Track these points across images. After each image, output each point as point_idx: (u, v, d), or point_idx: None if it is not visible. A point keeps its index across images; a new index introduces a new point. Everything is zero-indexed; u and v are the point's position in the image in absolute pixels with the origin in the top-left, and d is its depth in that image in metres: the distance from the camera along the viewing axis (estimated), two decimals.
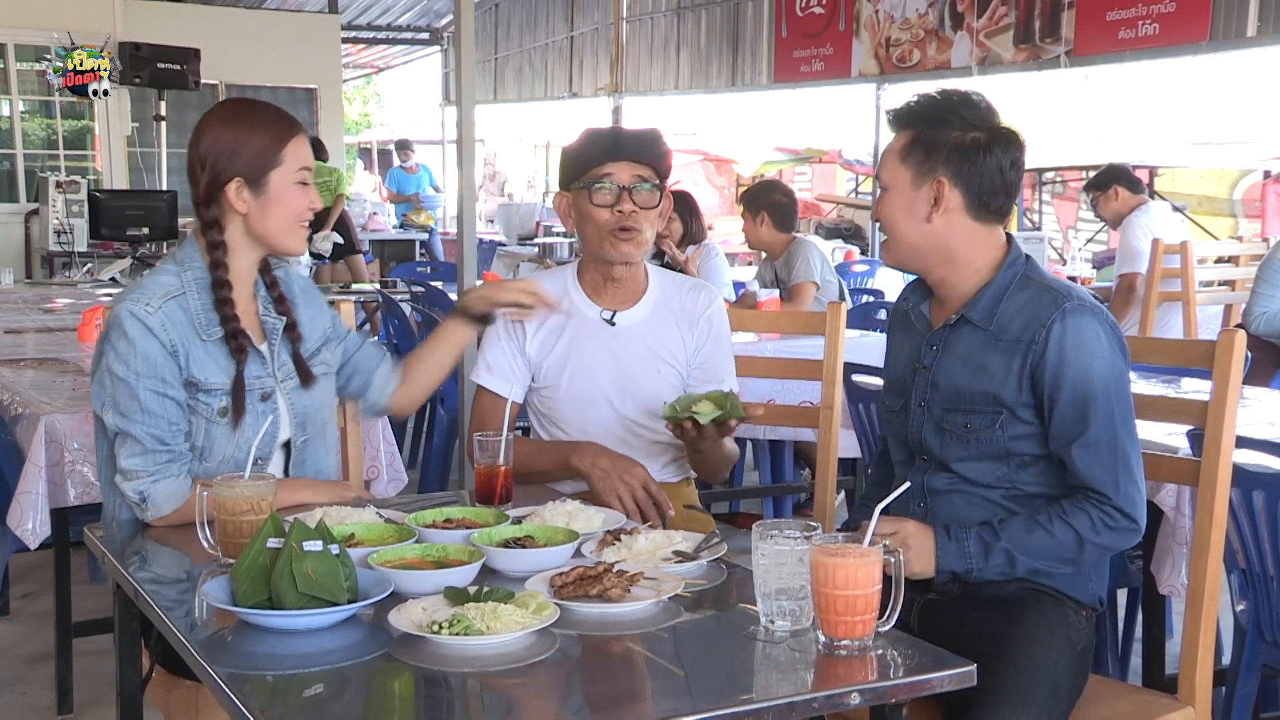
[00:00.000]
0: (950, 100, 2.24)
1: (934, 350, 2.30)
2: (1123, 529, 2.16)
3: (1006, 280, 2.24)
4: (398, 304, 6.56)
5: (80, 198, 10.65)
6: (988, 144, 2.21)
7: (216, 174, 2.34)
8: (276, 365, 2.44)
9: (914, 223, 2.25)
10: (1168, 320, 6.36)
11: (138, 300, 2.31)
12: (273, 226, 2.38)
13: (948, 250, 2.25)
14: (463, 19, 4.87)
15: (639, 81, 14.43)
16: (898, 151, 2.27)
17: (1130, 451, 2.18)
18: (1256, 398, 3.47)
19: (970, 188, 2.22)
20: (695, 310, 2.79)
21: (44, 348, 4.59)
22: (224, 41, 12.75)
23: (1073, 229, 15.29)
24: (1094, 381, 2.14)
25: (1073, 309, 2.16)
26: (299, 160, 2.39)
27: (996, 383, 2.20)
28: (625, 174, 2.65)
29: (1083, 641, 2.22)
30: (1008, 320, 2.21)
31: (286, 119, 2.41)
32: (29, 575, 4.60)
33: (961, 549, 2.16)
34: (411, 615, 1.76)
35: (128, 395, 2.29)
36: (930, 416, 2.29)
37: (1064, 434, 2.17)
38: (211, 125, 2.37)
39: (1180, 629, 2.31)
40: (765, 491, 5.31)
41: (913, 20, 10.61)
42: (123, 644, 2.19)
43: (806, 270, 5.49)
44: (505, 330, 2.78)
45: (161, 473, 2.29)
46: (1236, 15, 8.19)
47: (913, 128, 2.26)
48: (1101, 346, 2.15)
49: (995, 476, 2.24)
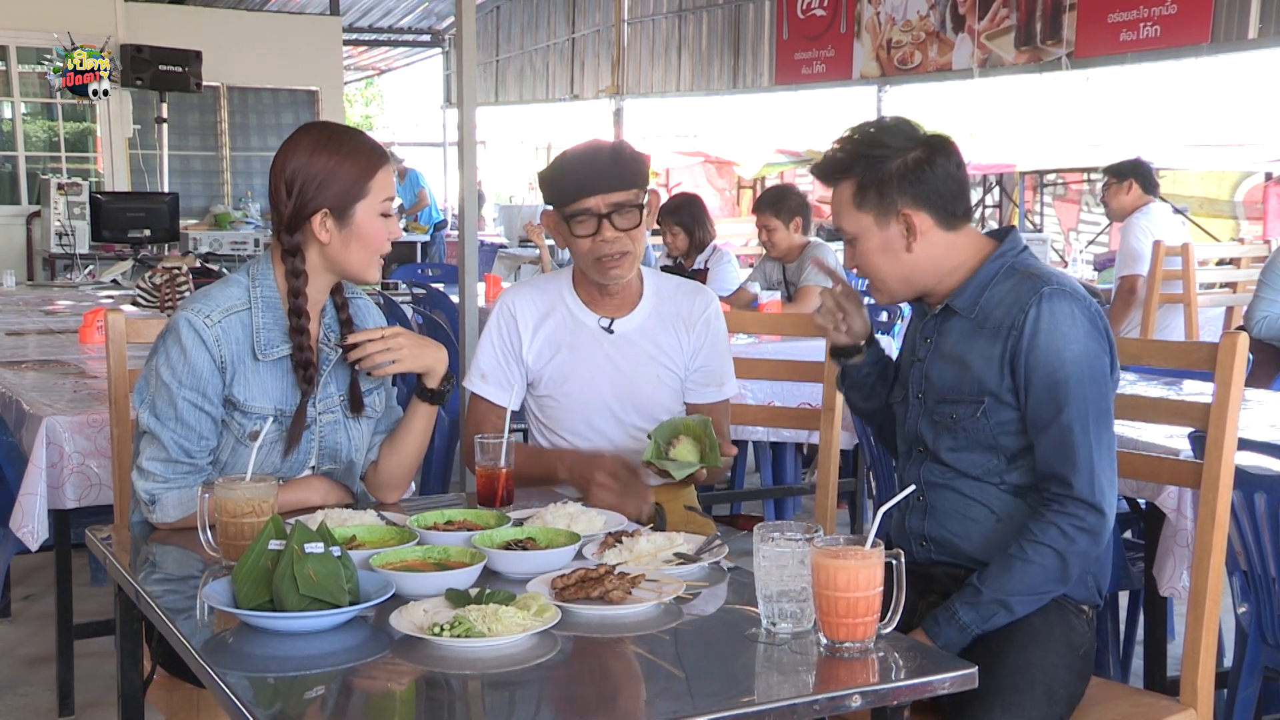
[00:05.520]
0: (872, 135, 2.24)
1: (928, 343, 2.32)
2: (1091, 526, 2.14)
3: (992, 270, 2.25)
4: (399, 306, 6.56)
5: (82, 200, 10.67)
6: (929, 158, 2.21)
7: (304, 203, 2.30)
8: (321, 396, 2.41)
9: (895, 259, 2.25)
10: (1169, 322, 6.35)
11: (199, 310, 2.29)
12: (352, 258, 2.35)
13: (934, 267, 2.26)
14: (464, 21, 4.87)
15: (640, 83, 14.45)
16: (850, 200, 2.25)
17: (1102, 438, 2.16)
18: (1258, 400, 3.46)
19: (933, 205, 2.22)
20: (692, 313, 2.79)
21: (45, 350, 4.59)
22: (225, 43, 12.76)
23: (1074, 230, 15.30)
24: (1067, 365, 2.14)
25: (1051, 293, 2.16)
26: (384, 191, 2.35)
27: (980, 371, 2.21)
28: (602, 203, 2.62)
29: (1084, 645, 2.21)
30: (991, 307, 2.22)
31: (375, 149, 2.37)
32: (30, 577, 4.60)
33: (956, 625, 2.12)
34: (413, 617, 1.76)
35: (166, 401, 2.28)
36: (924, 408, 2.31)
37: (1037, 418, 2.16)
38: (300, 150, 2.32)
39: (1182, 631, 2.31)
40: (767, 494, 5.31)
41: (914, 22, 10.62)
42: (124, 646, 2.19)
43: (819, 274, 5.50)
44: (499, 335, 2.78)
45: (178, 483, 2.29)
46: (1238, 17, 8.20)
47: (850, 175, 2.25)
48: (1077, 331, 2.14)
49: (984, 469, 2.24)
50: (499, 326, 2.79)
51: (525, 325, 2.77)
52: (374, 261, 2.37)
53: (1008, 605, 2.13)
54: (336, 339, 2.43)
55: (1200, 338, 6.19)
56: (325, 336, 2.43)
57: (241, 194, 13.41)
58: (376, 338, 2.38)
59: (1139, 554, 3.20)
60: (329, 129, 2.40)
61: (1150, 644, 2.93)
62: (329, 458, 2.44)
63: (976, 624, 2.12)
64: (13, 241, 11.64)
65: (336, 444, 2.43)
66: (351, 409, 2.44)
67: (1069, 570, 2.14)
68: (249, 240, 10.88)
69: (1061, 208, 15.75)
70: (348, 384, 2.44)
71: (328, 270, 2.37)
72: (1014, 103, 13.38)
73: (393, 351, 2.37)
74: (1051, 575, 2.13)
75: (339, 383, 2.44)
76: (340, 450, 2.44)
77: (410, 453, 2.52)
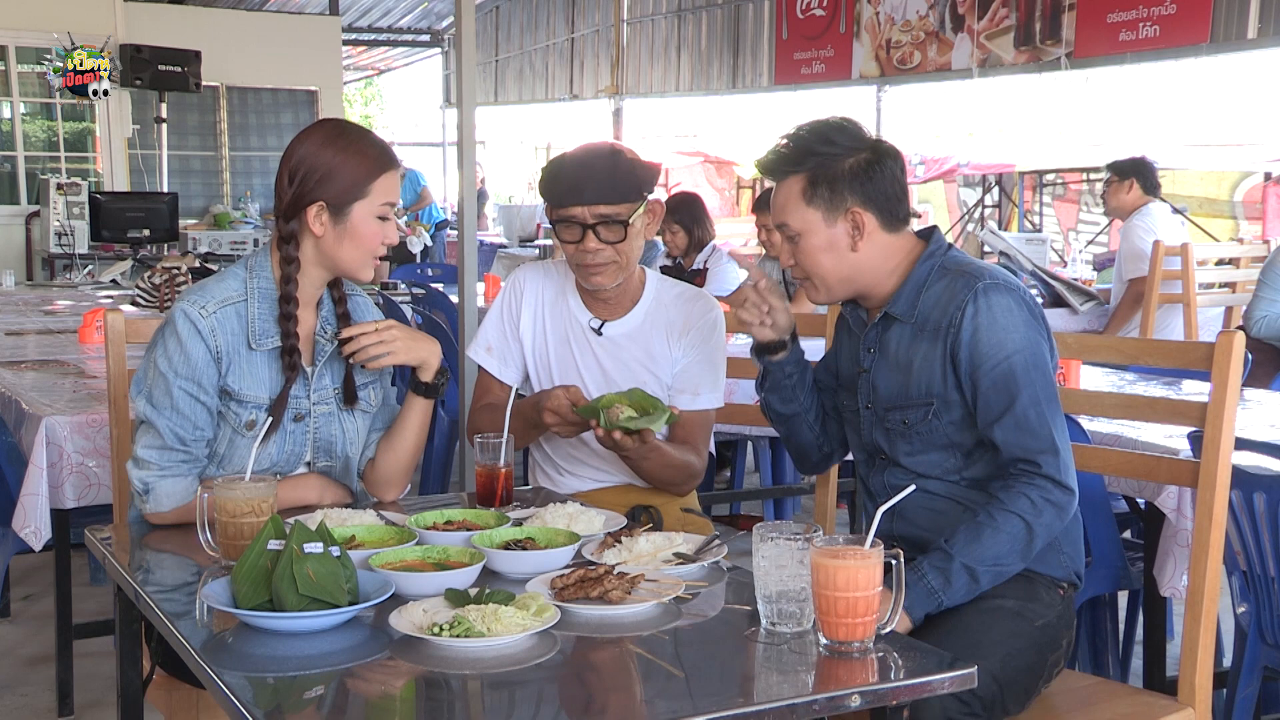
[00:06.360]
0: (824, 132, 2.25)
1: (871, 353, 2.33)
2: (1059, 501, 2.15)
3: (925, 272, 2.27)
4: (399, 306, 6.56)
5: (81, 200, 10.67)
6: (877, 160, 2.24)
7: (302, 193, 2.33)
8: (314, 387, 2.44)
9: (839, 257, 2.26)
10: (1168, 322, 6.34)
11: (194, 302, 2.33)
12: (345, 255, 2.37)
13: (875, 269, 2.28)
14: (463, 21, 4.87)
15: (640, 83, 14.45)
16: (800, 195, 2.26)
17: (1057, 420, 2.18)
18: (1256, 400, 3.46)
19: (879, 206, 2.24)
20: (688, 320, 2.76)
21: (45, 350, 4.59)
22: (225, 43, 12.76)
23: (1073, 230, 15.29)
24: (1011, 356, 2.16)
25: (985, 288, 2.18)
26: (385, 195, 2.37)
27: (925, 374, 2.23)
28: (588, 214, 2.61)
29: (1044, 617, 2.20)
30: (928, 309, 2.24)
31: (385, 153, 2.39)
32: (30, 577, 4.60)
33: (924, 586, 2.13)
34: (412, 617, 1.76)
35: (163, 390, 2.31)
36: (876, 417, 2.33)
37: (989, 411, 2.18)
38: (310, 141, 2.36)
39: (1181, 631, 2.31)
40: (766, 493, 5.31)
41: (913, 22, 10.62)
42: (124, 646, 2.19)
43: None
44: (506, 308, 2.80)
45: (172, 471, 2.31)
46: (1237, 17, 8.20)
47: (800, 169, 2.26)
48: (1015, 321, 2.17)
49: (944, 468, 2.26)
50: (506, 299, 2.82)
51: (528, 304, 2.80)
52: (367, 261, 2.39)
53: (974, 574, 2.13)
54: (334, 331, 2.45)
55: (1200, 338, 6.19)
56: (322, 329, 2.45)
57: (241, 194, 13.41)
58: (370, 330, 2.39)
59: (1138, 554, 3.20)
60: (342, 126, 2.43)
61: (1149, 644, 2.93)
62: (324, 452, 2.46)
63: (943, 590, 2.12)
64: (12, 241, 11.64)
65: (331, 436, 2.45)
66: (345, 400, 2.46)
67: (1033, 543, 2.15)
68: (248, 240, 10.88)
69: (1061, 208, 15.74)
70: (342, 377, 2.47)
71: (321, 264, 2.39)
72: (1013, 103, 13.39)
73: (386, 344, 2.39)
74: (1018, 545, 2.14)
75: (334, 375, 2.46)
76: (335, 444, 2.46)
77: (407, 449, 2.52)
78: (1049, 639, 2.21)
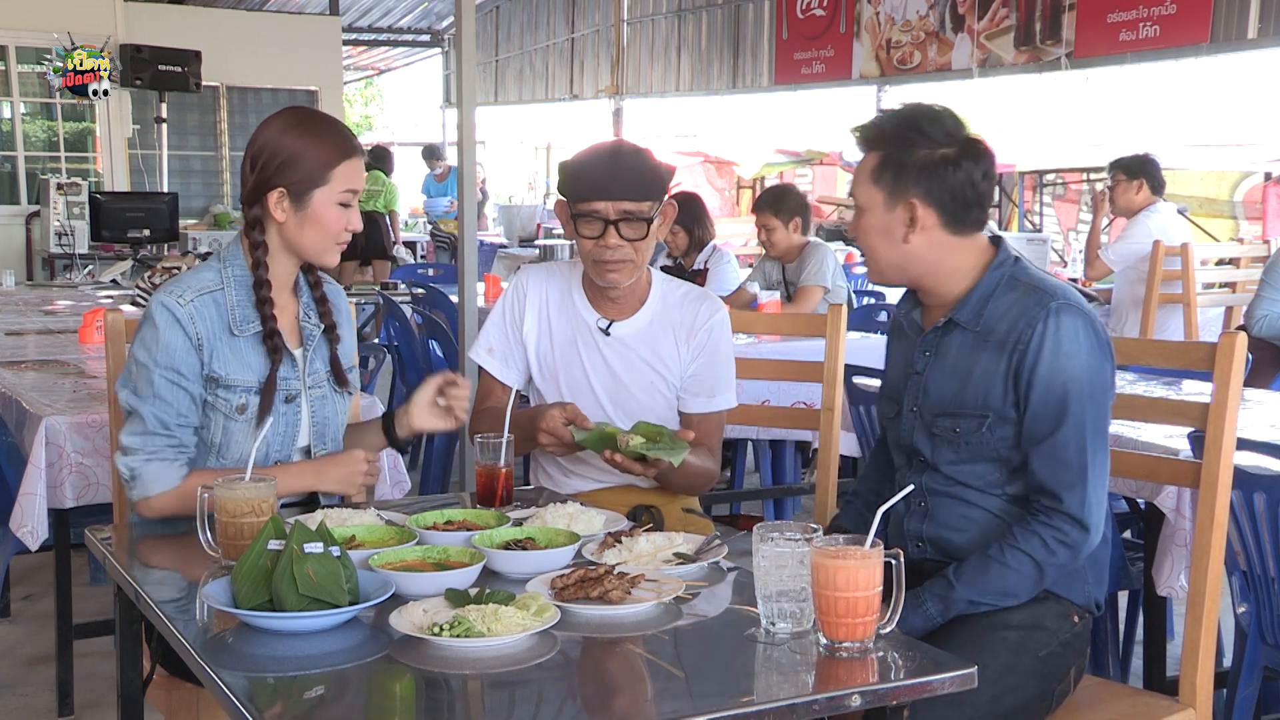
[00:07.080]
0: (915, 118, 2.22)
1: (926, 356, 2.30)
2: (1074, 542, 2.14)
3: (994, 281, 2.23)
4: (398, 306, 6.56)
5: (81, 200, 10.66)
6: (957, 159, 2.19)
7: (264, 179, 2.36)
8: (307, 370, 2.48)
9: (892, 244, 2.25)
10: (1169, 322, 6.34)
11: (171, 292, 2.36)
12: (307, 241, 2.40)
13: (930, 264, 2.25)
14: (464, 21, 4.88)
15: (640, 83, 14.45)
16: (869, 173, 2.25)
17: (1097, 456, 2.15)
18: (1257, 400, 3.47)
19: (944, 205, 2.21)
20: (695, 322, 2.76)
21: (45, 350, 4.59)
22: (225, 43, 12.76)
23: (1074, 231, 15.28)
24: (1068, 383, 2.13)
25: (1058, 309, 2.15)
26: (347, 182, 2.39)
27: (984, 385, 2.20)
28: (612, 209, 2.61)
29: (1050, 646, 2.18)
30: (995, 321, 2.21)
31: (346, 140, 2.41)
32: (30, 577, 4.60)
33: (922, 613, 2.13)
34: (412, 617, 1.76)
35: (145, 379, 2.34)
36: (921, 421, 2.29)
37: (1034, 432, 2.16)
38: (272, 128, 2.39)
39: (1181, 631, 2.31)
40: (766, 493, 5.31)
41: (913, 22, 10.62)
42: (124, 646, 2.19)
43: (819, 274, 5.51)
44: (509, 311, 2.80)
45: (157, 455, 2.33)
46: (1237, 17, 8.20)
47: (880, 148, 2.24)
48: (1080, 347, 2.13)
49: (986, 481, 2.23)
50: (509, 300, 2.82)
51: (531, 305, 2.79)
52: (330, 247, 2.42)
53: (976, 606, 2.15)
54: (317, 317, 2.51)
55: (1200, 338, 6.18)
56: (305, 314, 2.51)
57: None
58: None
59: (1138, 554, 3.20)
60: (304, 114, 2.46)
61: (1149, 644, 2.93)
62: (320, 435, 2.50)
63: (941, 616, 2.14)
64: (12, 241, 11.64)
65: (325, 418, 2.51)
66: (337, 382, 2.53)
67: (1043, 579, 2.16)
68: None
69: (1061, 208, 15.74)
70: (329, 359, 2.53)
71: (286, 250, 2.43)
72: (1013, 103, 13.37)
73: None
74: (1026, 583, 2.15)
75: (324, 359, 2.52)
76: (329, 425, 2.51)
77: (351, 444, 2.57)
78: (1053, 670, 2.18)
